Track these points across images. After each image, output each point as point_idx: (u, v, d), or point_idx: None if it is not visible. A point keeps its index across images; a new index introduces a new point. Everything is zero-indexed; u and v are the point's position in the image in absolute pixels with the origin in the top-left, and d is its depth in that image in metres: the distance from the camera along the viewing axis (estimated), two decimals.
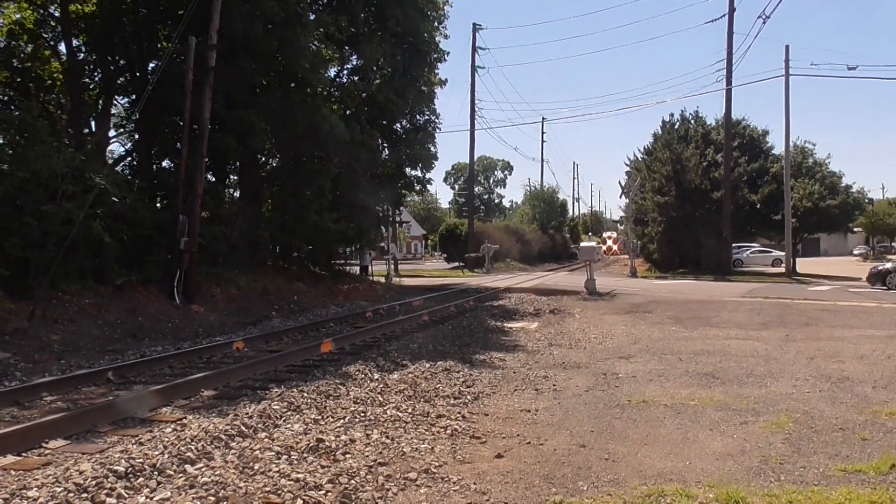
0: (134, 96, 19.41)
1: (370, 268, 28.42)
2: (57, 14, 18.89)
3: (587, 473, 4.77)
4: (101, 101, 20.49)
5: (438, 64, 26.64)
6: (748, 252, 44.91)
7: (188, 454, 4.86)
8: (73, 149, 14.79)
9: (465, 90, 43.90)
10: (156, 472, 4.52)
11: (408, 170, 27.57)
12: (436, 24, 25.91)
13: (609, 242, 59.14)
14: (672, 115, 41.10)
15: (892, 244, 70.56)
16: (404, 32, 23.84)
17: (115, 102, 21.11)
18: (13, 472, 4.67)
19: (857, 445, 5.34)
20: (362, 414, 6.24)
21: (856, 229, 48.48)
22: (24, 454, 5.17)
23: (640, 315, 15.54)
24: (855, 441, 5.45)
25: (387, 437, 5.55)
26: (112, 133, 21.50)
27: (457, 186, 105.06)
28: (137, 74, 19.20)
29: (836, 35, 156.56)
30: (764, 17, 30.84)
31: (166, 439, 5.19)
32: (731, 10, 32.60)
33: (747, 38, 57.22)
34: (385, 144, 26.00)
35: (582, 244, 26.81)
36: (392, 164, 26.73)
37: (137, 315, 13.48)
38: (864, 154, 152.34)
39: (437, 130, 27.36)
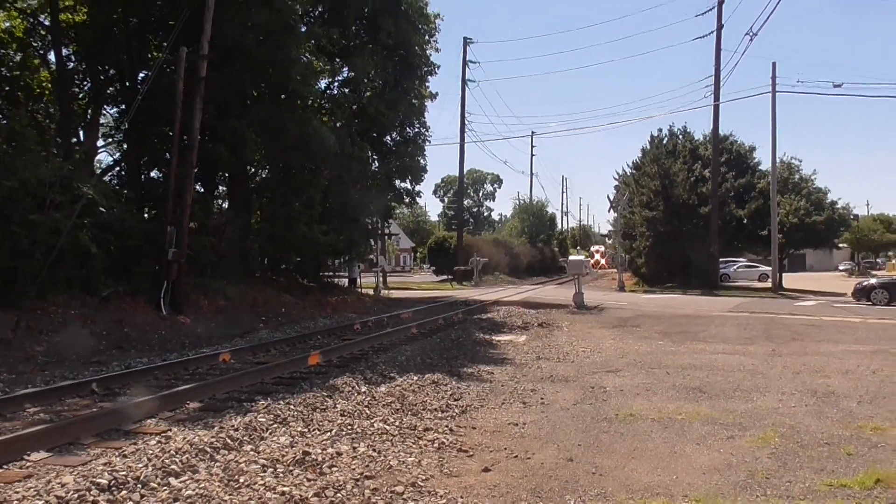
0: (123, 106, 19.36)
1: (359, 280, 28.38)
2: (47, 23, 18.84)
3: (574, 487, 4.77)
4: (90, 111, 20.41)
5: (429, 77, 26.92)
6: (735, 267, 45.24)
7: (173, 467, 4.82)
8: (62, 158, 14.72)
9: (456, 103, 44.26)
10: (139, 486, 4.48)
11: (397, 182, 27.71)
12: (427, 37, 26.14)
13: (597, 256, 59.24)
14: (660, 130, 41.54)
15: (877, 260, 71.37)
16: (396, 45, 24.01)
17: (104, 112, 21.03)
18: None
19: (843, 460, 5.37)
20: (349, 427, 6.21)
21: (841, 245, 49.01)
22: (4, 466, 5.09)
23: (627, 329, 15.58)
24: (840, 456, 5.48)
25: (374, 450, 5.53)
26: (101, 143, 21.41)
27: (446, 199, 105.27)
28: (127, 84, 19.16)
29: (823, 52, 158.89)
30: (751, 34, 31.27)
31: (151, 452, 5.14)
32: (719, 27, 33.03)
33: (735, 54, 58.06)
34: (375, 156, 26.10)
35: (570, 258, 26.89)
36: (382, 176, 26.80)
37: (124, 326, 13.37)
38: (849, 170, 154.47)
39: (427, 143, 27.59)
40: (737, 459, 5.40)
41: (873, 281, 25.69)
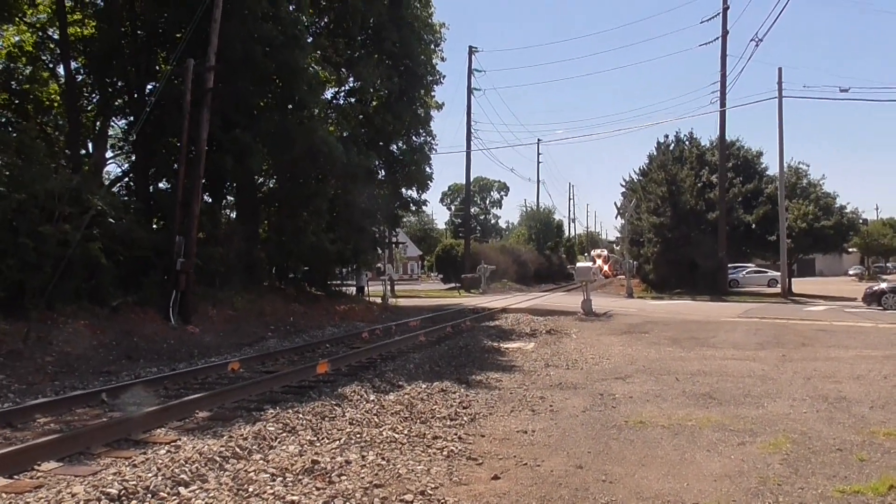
0: (132, 118, 19.51)
1: (366, 288, 28.41)
2: (56, 36, 19.05)
3: (584, 495, 4.74)
4: (98, 123, 20.58)
5: (435, 86, 27.10)
6: (744, 272, 45.01)
7: (182, 476, 4.82)
8: (71, 170, 14.86)
9: (462, 112, 44.22)
10: (149, 495, 4.48)
11: (404, 190, 27.82)
12: (432, 47, 26.30)
13: (598, 262, 55.29)
14: (667, 136, 41.53)
15: (887, 264, 70.88)
16: (401, 55, 24.15)
17: (112, 124, 21.21)
18: (4, 495, 4.62)
19: (855, 466, 5.32)
20: (358, 435, 6.20)
21: (851, 249, 48.66)
22: (15, 476, 5.11)
23: (636, 335, 15.52)
24: (853, 462, 5.43)
25: (383, 458, 5.51)
26: (109, 154, 21.61)
27: (453, 207, 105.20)
28: (135, 96, 19.31)
29: (829, 58, 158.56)
30: (757, 40, 31.36)
31: (160, 461, 5.15)
32: (724, 33, 33.04)
33: (741, 60, 57.89)
34: (382, 165, 26.19)
35: (578, 264, 26.81)
36: (389, 185, 26.88)
37: (133, 336, 13.42)
38: (857, 175, 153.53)
39: (434, 152, 27.70)
40: (748, 466, 5.36)
41: (884, 285, 25.47)
